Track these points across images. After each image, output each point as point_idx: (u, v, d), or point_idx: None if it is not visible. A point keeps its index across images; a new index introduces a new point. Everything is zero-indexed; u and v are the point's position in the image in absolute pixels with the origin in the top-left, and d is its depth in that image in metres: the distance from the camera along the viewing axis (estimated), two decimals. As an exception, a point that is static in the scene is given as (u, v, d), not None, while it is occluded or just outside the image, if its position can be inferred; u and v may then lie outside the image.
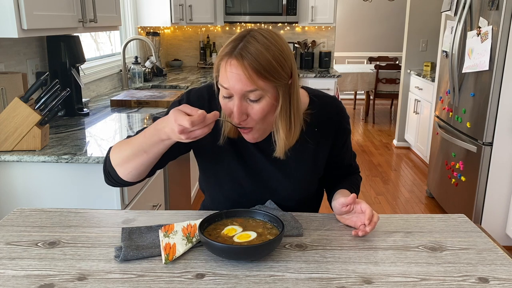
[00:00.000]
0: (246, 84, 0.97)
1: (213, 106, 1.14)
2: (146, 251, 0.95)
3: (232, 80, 0.97)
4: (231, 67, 0.97)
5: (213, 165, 1.20)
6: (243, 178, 1.18)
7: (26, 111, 1.60)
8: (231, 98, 1.01)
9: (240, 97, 0.99)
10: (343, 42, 7.59)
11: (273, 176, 1.17)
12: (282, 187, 1.18)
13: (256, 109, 1.01)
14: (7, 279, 0.86)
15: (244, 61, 0.96)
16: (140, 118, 2.28)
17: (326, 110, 1.18)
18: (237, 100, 0.99)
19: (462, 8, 2.90)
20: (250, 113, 1.02)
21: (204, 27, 4.74)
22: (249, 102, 1.00)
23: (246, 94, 0.99)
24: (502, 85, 2.58)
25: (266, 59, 0.96)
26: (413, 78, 4.62)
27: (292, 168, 1.17)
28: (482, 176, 2.74)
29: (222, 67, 0.99)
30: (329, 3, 4.41)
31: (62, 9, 1.84)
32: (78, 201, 1.67)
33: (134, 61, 3.41)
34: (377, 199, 3.60)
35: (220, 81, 1.01)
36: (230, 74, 0.97)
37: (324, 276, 0.88)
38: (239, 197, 1.20)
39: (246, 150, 1.16)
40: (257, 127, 1.05)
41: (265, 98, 1.00)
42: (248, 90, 0.98)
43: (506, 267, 0.92)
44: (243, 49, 0.96)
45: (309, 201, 1.30)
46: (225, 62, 0.98)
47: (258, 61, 0.96)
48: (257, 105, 1.01)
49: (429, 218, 1.15)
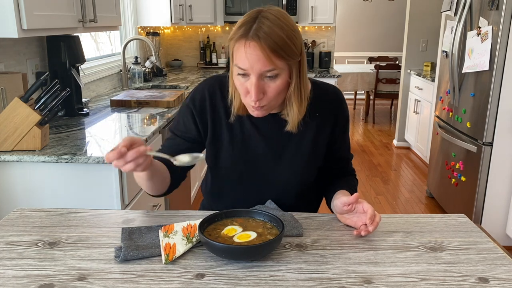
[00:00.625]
0: (265, 64, 1.00)
1: (217, 103, 1.19)
2: (146, 251, 0.94)
3: (250, 60, 1.00)
4: (249, 48, 1.00)
5: (216, 152, 1.22)
6: (244, 163, 1.20)
7: (26, 111, 1.60)
8: (247, 78, 1.04)
9: (257, 77, 1.02)
10: (343, 42, 7.58)
11: (273, 161, 1.20)
12: (281, 172, 1.20)
13: (272, 87, 1.05)
14: (7, 279, 0.86)
15: (261, 42, 0.99)
16: (140, 118, 2.28)
17: (327, 97, 1.22)
18: (254, 80, 1.03)
19: (462, 8, 2.90)
20: (267, 91, 1.05)
21: (204, 27, 4.74)
22: (266, 81, 1.04)
23: (264, 73, 1.02)
24: (502, 85, 2.58)
25: (281, 38, 1.00)
26: (413, 78, 4.62)
27: (291, 154, 1.20)
28: (482, 176, 2.74)
29: (239, 49, 1.02)
30: (329, 3, 4.41)
31: (62, 9, 1.85)
32: (78, 201, 1.67)
33: (134, 61, 3.41)
34: (377, 199, 3.60)
35: (236, 63, 1.04)
36: (248, 55, 1.00)
37: (324, 276, 0.88)
38: (239, 185, 1.22)
39: (247, 135, 1.20)
40: (271, 104, 1.09)
41: (281, 76, 1.04)
42: (266, 70, 1.01)
43: (506, 267, 0.92)
44: (258, 30, 0.99)
45: (308, 194, 1.30)
46: (242, 44, 1.01)
47: (274, 40, 0.99)
48: (273, 83, 1.04)
49: (429, 218, 1.15)
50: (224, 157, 1.21)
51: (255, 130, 1.19)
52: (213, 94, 1.20)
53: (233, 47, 1.04)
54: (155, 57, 3.24)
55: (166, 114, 2.34)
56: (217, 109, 1.20)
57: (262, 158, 1.20)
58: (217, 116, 1.20)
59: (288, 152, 1.20)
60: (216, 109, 1.20)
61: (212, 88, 1.21)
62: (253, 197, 1.22)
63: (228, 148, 1.20)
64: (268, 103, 1.08)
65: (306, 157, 1.21)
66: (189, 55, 4.83)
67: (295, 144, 1.20)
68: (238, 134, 1.20)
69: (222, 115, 1.20)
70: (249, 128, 1.19)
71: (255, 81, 1.02)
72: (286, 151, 1.20)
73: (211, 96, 1.20)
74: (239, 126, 1.19)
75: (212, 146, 1.22)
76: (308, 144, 1.20)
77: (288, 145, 1.19)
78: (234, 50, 1.04)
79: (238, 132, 1.19)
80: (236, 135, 1.20)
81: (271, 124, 1.18)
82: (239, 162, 1.21)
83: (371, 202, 3.50)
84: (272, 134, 1.19)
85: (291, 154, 1.20)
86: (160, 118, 2.24)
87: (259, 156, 1.20)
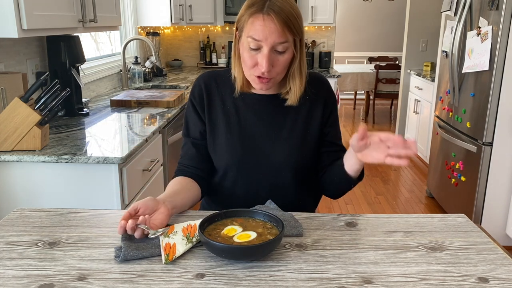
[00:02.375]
0: (279, 36, 1.10)
1: (212, 91, 1.28)
2: (146, 251, 0.94)
3: (265, 32, 1.10)
4: (264, 22, 1.09)
5: (214, 137, 1.28)
6: (241, 146, 1.25)
7: (26, 111, 1.60)
8: (258, 50, 1.12)
9: (270, 49, 1.11)
10: (343, 42, 7.58)
11: (270, 141, 1.26)
12: (278, 152, 1.25)
13: (281, 60, 1.14)
14: (7, 279, 0.86)
15: (276, 16, 1.09)
16: (140, 118, 2.28)
17: (316, 82, 1.29)
18: (267, 52, 1.11)
19: (462, 8, 2.90)
20: (276, 64, 1.14)
21: (204, 27, 4.74)
22: (276, 54, 1.13)
23: (276, 46, 1.11)
24: (502, 85, 2.58)
25: (292, 14, 1.11)
26: (413, 78, 4.62)
27: (287, 133, 1.26)
28: (482, 176, 2.74)
29: (254, 22, 1.11)
30: (329, 3, 4.41)
31: (62, 9, 1.85)
32: (78, 201, 1.67)
33: (134, 61, 3.41)
34: (377, 199, 3.60)
35: (251, 34, 1.11)
36: (263, 28, 1.09)
37: (324, 276, 0.88)
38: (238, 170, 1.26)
39: (244, 118, 1.26)
40: (276, 77, 1.18)
41: (289, 50, 1.14)
42: (279, 42, 1.11)
43: (506, 267, 0.92)
44: (272, 5, 1.10)
45: (306, 179, 1.31)
46: (257, 17, 1.10)
47: (288, 15, 1.10)
48: (282, 56, 1.14)
49: (429, 218, 1.15)
50: (222, 142, 1.26)
51: (251, 112, 1.26)
52: (208, 83, 1.29)
53: (247, 21, 1.12)
54: (155, 57, 3.24)
55: (166, 114, 2.34)
56: (212, 96, 1.28)
57: (259, 139, 1.26)
58: (212, 103, 1.28)
59: (284, 131, 1.26)
60: (212, 97, 1.28)
61: (207, 79, 1.30)
62: (252, 178, 1.26)
63: (225, 132, 1.26)
64: (275, 76, 1.17)
65: (300, 136, 1.26)
66: (189, 55, 4.83)
67: (291, 123, 1.26)
68: (235, 118, 1.26)
69: (218, 102, 1.28)
70: (245, 111, 1.26)
71: (267, 52, 1.11)
72: (282, 131, 1.26)
73: (206, 85, 1.29)
74: (234, 111, 1.27)
75: (210, 132, 1.28)
76: (302, 124, 1.26)
77: (284, 125, 1.26)
78: (248, 24, 1.12)
79: (234, 116, 1.26)
80: (233, 119, 1.26)
81: (267, 106, 1.26)
82: (237, 145, 1.25)
83: (371, 202, 3.52)
84: (268, 115, 1.26)
85: (287, 133, 1.26)
86: (160, 118, 2.24)
87: (256, 137, 1.26)
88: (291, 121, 1.26)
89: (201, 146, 1.29)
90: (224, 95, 1.28)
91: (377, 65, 5.81)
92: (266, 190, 1.27)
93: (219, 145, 1.27)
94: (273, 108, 1.26)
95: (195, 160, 1.29)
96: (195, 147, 1.29)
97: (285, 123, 1.26)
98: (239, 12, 1.16)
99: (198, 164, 1.28)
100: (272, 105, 1.26)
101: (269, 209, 1.13)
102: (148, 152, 1.97)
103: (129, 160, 1.73)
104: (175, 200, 1.12)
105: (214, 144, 1.28)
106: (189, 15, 4.13)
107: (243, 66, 1.19)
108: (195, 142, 1.30)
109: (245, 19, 1.13)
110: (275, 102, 1.26)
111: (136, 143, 1.79)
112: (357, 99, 7.20)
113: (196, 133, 1.30)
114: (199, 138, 1.29)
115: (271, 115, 1.26)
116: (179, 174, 1.28)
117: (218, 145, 1.27)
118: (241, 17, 1.15)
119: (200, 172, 1.28)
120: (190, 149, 1.30)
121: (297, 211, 1.18)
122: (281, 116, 1.26)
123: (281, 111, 1.26)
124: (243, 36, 1.15)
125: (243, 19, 1.14)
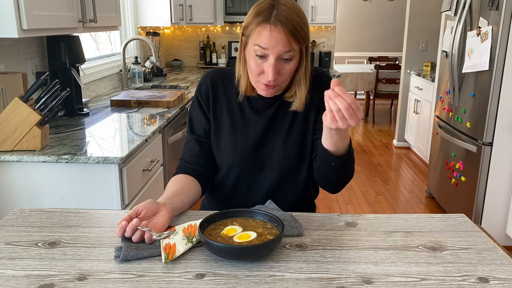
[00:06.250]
0: (284, 46, 1.11)
1: (219, 90, 1.28)
2: (146, 251, 0.94)
3: (272, 42, 1.10)
4: (271, 32, 1.10)
5: (218, 136, 1.29)
6: (245, 141, 1.27)
7: (26, 111, 1.60)
8: (265, 59, 1.14)
9: (276, 58, 1.12)
10: (343, 42, 7.58)
11: (272, 139, 1.27)
12: (279, 150, 1.26)
13: (287, 68, 1.16)
14: (7, 279, 0.86)
15: (283, 26, 1.10)
16: (140, 118, 2.28)
17: (318, 81, 1.27)
18: (273, 60, 1.12)
19: (462, 8, 2.90)
20: (282, 72, 1.16)
21: (204, 27, 4.74)
22: (282, 62, 1.14)
23: (282, 55, 1.12)
24: (502, 85, 2.58)
25: (299, 24, 1.11)
26: (413, 78, 4.63)
27: (289, 132, 1.27)
28: (482, 176, 2.74)
29: (261, 32, 1.11)
30: (329, 3, 4.41)
31: (62, 9, 1.85)
32: (78, 201, 1.67)
33: (134, 61, 3.41)
34: (377, 199, 3.60)
35: (258, 42, 1.12)
36: (270, 38, 1.10)
37: (324, 276, 0.88)
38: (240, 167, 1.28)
39: (248, 118, 1.28)
40: (281, 85, 1.20)
41: (295, 58, 1.15)
42: (285, 51, 1.12)
43: (506, 267, 0.92)
44: (279, 15, 1.10)
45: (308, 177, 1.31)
46: (264, 27, 1.11)
47: (294, 25, 1.10)
48: (288, 65, 1.15)
49: (429, 218, 1.15)
50: (226, 140, 1.27)
51: (256, 112, 1.27)
52: (214, 81, 1.30)
53: (254, 30, 1.13)
54: (155, 57, 3.24)
55: (166, 114, 2.34)
56: (218, 95, 1.29)
57: (263, 139, 1.27)
58: (218, 101, 1.29)
59: (287, 131, 1.27)
60: (217, 95, 1.29)
61: (214, 77, 1.30)
62: (254, 177, 1.28)
63: (229, 130, 1.27)
64: (280, 83, 1.18)
65: (302, 136, 1.27)
66: (189, 55, 4.83)
67: (293, 124, 1.27)
68: (239, 117, 1.27)
69: (223, 101, 1.28)
70: (249, 110, 1.27)
71: (273, 61, 1.12)
72: (285, 131, 1.27)
73: (213, 83, 1.29)
74: (239, 110, 1.28)
75: (215, 130, 1.29)
76: (303, 124, 1.28)
77: (287, 125, 1.27)
78: (255, 33, 1.13)
79: (238, 115, 1.28)
80: (237, 118, 1.28)
81: (271, 106, 1.27)
82: (240, 144, 1.26)
83: (371, 202, 3.52)
84: (272, 115, 1.27)
85: (290, 133, 1.27)
86: (160, 118, 2.24)
87: (260, 137, 1.27)
88: (293, 121, 1.27)
89: (205, 144, 1.30)
90: (229, 94, 1.28)
91: (377, 65, 5.81)
92: (268, 189, 1.27)
93: (223, 143, 1.28)
94: (277, 108, 1.27)
95: (197, 157, 1.29)
96: (198, 144, 1.29)
97: (288, 123, 1.27)
98: (246, 19, 1.16)
99: (200, 161, 1.29)
100: (276, 106, 1.27)
101: (269, 209, 1.13)
102: (148, 152, 1.97)
103: (129, 160, 1.73)
104: (175, 202, 1.12)
105: (218, 142, 1.28)
106: (189, 15, 4.13)
107: (249, 72, 1.20)
108: (199, 139, 1.30)
109: (252, 28, 1.14)
110: (279, 102, 1.27)
111: (136, 143, 1.79)
112: (357, 99, 7.20)
113: (200, 130, 1.30)
114: (203, 136, 1.30)
115: (275, 115, 1.27)
116: (181, 171, 1.27)
117: (222, 143, 1.28)
118: (248, 26, 1.15)
119: (202, 169, 1.28)
120: (193, 146, 1.30)
121: (298, 211, 1.18)
122: (285, 116, 1.27)
123: (284, 112, 1.27)
124: (249, 43, 1.15)
125: (250, 27, 1.14)
